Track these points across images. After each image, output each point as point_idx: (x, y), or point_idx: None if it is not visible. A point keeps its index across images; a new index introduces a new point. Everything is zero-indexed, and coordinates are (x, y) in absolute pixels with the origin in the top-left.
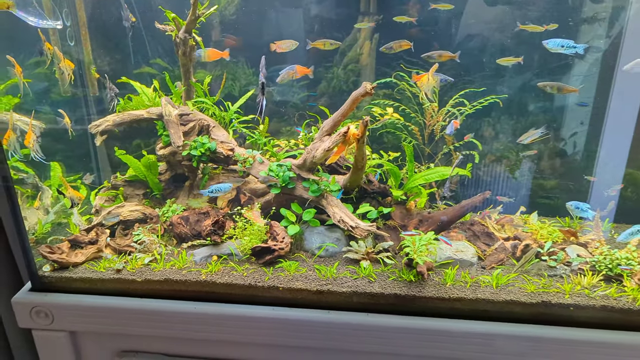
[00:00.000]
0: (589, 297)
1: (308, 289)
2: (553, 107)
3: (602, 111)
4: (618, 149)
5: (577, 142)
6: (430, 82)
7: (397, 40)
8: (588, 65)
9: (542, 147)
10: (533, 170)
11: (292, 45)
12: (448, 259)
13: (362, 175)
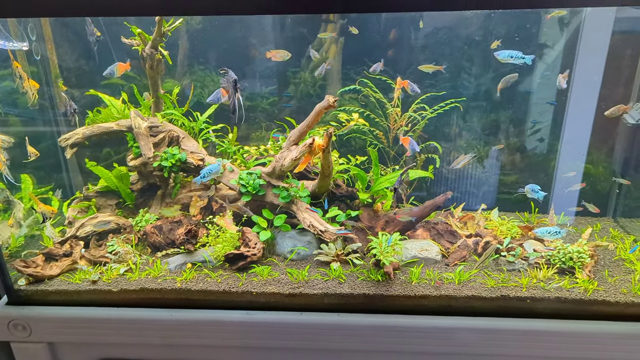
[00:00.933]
0: (545, 290)
1: (281, 292)
2: (513, 105)
3: (562, 109)
4: (577, 144)
5: (537, 138)
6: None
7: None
8: (546, 66)
9: (503, 143)
10: (495, 167)
11: (286, 55)
12: (413, 257)
13: (330, 182)
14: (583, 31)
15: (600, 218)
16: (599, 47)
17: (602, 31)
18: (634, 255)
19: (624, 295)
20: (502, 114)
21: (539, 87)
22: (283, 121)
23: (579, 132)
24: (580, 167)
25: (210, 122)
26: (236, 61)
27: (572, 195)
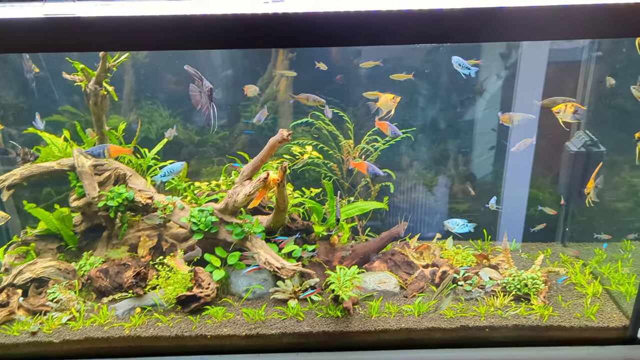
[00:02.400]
0: (502, 318)
1: (237, 334)
2: (463, 134)
3: (506, 137)
4: (521, 171)
5: (485, 166)
6: (390, 100)
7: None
8: (490, 95)
9: (453, 173)
10: (446, 195)
11: (256, 90)
12: (372, 291)
13: (285, 216)
14: (521, 63)
15: (549, 243)
16: (536, 77)
17: (539, 62)
18: (584, 279)
19: (577, 320)
20: (450, 143)
21: (483, 118)
22: (235, 155)
23: (522, 160)
24: (524, 194)
25: (159, 158)
26: (184, 95)
27: (519, 221)
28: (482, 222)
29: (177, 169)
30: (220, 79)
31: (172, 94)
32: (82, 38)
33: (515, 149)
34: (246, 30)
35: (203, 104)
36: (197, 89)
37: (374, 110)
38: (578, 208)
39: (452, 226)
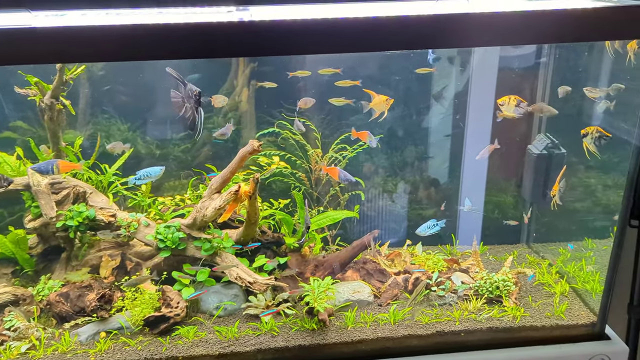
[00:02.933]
0: (477, 321)
1: (210, 353)
2: (424, 141)
3: (462, 142)
4: (477, 176)
5: (445, 172)
6: (383, 102)
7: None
8: (448, 102)
9: (417, 179)
10: (412, 202)
11: (225, 101)
12: (346, 301)
13: (256, 229)
14: (473, 69)
15: (515, 245)
16: (489, 84)
17: (490, 68)
18: (551, 279)
19: (548, 319)
20: (413, 150)
21: (441, 123)
22: (201, 168)
23: (480, 165)
24: (481, 197)
25: (120, 174)
26: (143, 107)
27: (475, 224)
28: (446, 226)
29: (155, 173)
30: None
31: (130, 107)
32: (39, 50)
33: (479, 156)
34: (210, 40)
35: (187, 109)
36: (178, 94)
37: (366, 110)
38: (541, 210)
39: (424, 232)
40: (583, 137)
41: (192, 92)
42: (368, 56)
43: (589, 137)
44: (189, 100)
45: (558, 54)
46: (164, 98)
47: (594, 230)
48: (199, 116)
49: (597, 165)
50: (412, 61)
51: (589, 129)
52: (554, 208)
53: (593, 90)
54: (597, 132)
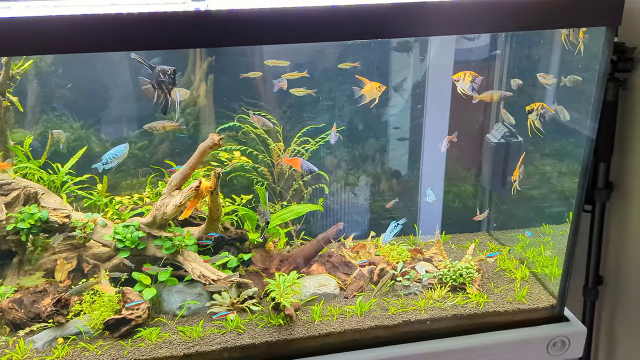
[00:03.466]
0: (442, 309)
1: (174, 354)
2: (385, 134)
3: (420, 134)
4: (436, 167)
5: (406, 164)
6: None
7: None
8: (407, 94)
9: (379, 171)
10: (375, 194)
11: (186, 94)
12: (312, 295)
13: (218, 225)
14: (430, 61)
15: (476, 233)
16: (445, 76)
17: (447, 60)
18: (511, 264)
19: (510, 304)
20: (377, 142)
21: (400, 116)
22: (160, 165)
23: (436, 155)
24: (440, 187)
25: (74, 173)
26: (95, 104)
27: (436, 213)
28: (408, 217)
29: (121, 152)
30: (130, 87)
31: (82, 104)
32: None
33: (443, 148)
34: (164, 30)
35: (160, 94)
36: (146, 80)
37: (358, 95)
38: (500, 197)
39: (388, 239)
40: (529, 114)
41: (165, 71)
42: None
43: (534, 114)
44: (162, 82)
45: (514, 44)
46: (119, 94)
47: (551, 216)
48: (176, 97)
49: (552, 153)
50: (372, 51)
51: (534, 105)
52: (513, 193)
53: (546, 76)
54: (542, 108)
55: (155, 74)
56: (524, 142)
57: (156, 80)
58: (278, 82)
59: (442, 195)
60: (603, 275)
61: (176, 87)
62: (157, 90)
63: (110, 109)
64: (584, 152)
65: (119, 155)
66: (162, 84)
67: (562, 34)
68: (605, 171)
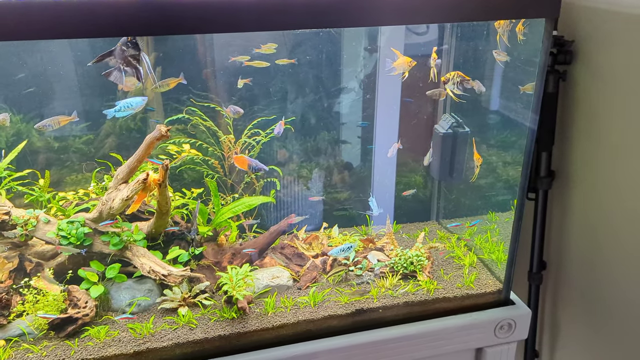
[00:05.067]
0: (394, 297)
1: (124, 352)
2: (336, 126)
3: (371, 127)
4: (387, 159)
5: (358, 156)
6: (407, 63)
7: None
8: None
9: (331, 164)
10: (327, 186)
11: (134, 84)
12: (266, 287)
13: (168, 219)
14: (380, 57)
15: (426, 222)
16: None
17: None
18: (460, 251)
19: (459, 290)
20: (328, 134)
21: (351, 108)
22: (106, 159)
23: (387, 147)
24: (392, 178)
25: (13, 167)
26: (35, 96)
27: (388, 204)
28: (359, 208)
29: (138, 103)
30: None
31: (23, 96)
32: None
33: (390, 154)
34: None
35: (129, 68)
36: (110, 68)
37: (389, 68)
38: (448, 187)
39: (336, 254)
40: (444, 84)
41: (126, 43)
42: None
43: (450, 83)
44: (127, 55)
45: (460, 35)
46: (62, 85)
47: (497, 204)
48: (146, 61)
49: (497, 144)
50: (323, 41)
51: (449, 75)
52: (475, 179)
53: (500, 53)
54: (458, 77)
55: (118, 52)
56: (470, 132)
57: (121, 58)
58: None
59: (394, 186)
60: (546, 260)
61: (142, 51)
62: (124, 67)
63: (53, 101)
64: (526, 142)
65: (134, 106)
66: (129, 57)
67: (498, 33)
68: (547, 160)
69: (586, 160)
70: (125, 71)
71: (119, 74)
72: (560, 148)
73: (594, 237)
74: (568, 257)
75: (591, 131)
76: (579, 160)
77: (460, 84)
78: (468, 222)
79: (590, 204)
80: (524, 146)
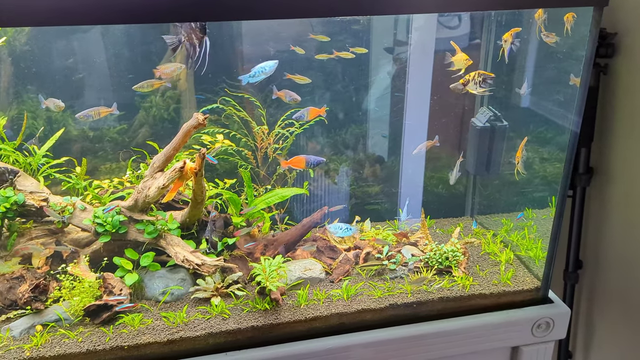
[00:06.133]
0: (428, 292)
1: (157, 340)
2: (367, 119)
3: (401, 121)
4: (417, 153)
5: (389, 149)
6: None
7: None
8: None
9: (362, 157)
10: (358, 179)
11: (179, 67)
12: (298, 279)
13: (202, 209)
14: (411, 52)
15: (460, 218)
16: (426, 62)
17: (428, 44)
18: (496, 247)
19: (495, 286)
20: (360, 127)
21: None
22: (142, 148)
23: (417, 141)
24: (420, 174)
25: (51, 155)
26: (70, 86)
27: (418, 198)
28: (392, 202)
29: (270, 67)
30: (106, 69)
31: (59, 85)
32: None
33: (416, 151)
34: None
35: (189, 46)
36: (172, 36)
37: (448, 61)
38: (483, 182)
39: (334, 231)
40: (465, 86)
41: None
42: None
43: (471, 84)
44: (192, 33)
45: (494, 32)
46: (97, 76)
47: (533, 201)
48: (206, 46)
49: (533, 139)
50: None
51: (468, 76)
52: (519, 175)
53: (549, 34)
54: (479, 76)
55: (186, 27)
56: (508, 126)
57: (187, 33)
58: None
59: (422, 181)
60: (583, 259)
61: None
62: (184, 43)
63: (89, 91)
64: (570, 137)
65: (267, 70)
66: (195, 36)
67: (539, 28)
68: (586, 156)
69: (626, 156)
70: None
71: (179, 48)
72: (599, 144)
73: (633, 236)
74: (605, 257)
75: (632, 127)
76: (619, 157)
77: (484, 82)
78: (504, 218)
79: (630, 201)
80: (562, 142)
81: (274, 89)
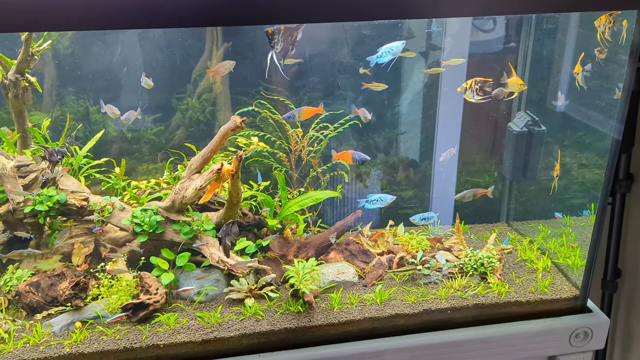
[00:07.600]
0: (463, 298)
1: (192, 340)
2: (401, 122)
3: (434, 124)
4: (450, 158)
5: (422, 153)
6: (518, 84)
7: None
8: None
9: (395, 161)
10: (391, 184)
11: (231, 65)
12: (331, 282)
13: (237, 210)
14: (445, 51)
15: (495, 224)
16: (460, 67)
17: (462, 48)
18: (533, 255)
19: (532, 294)
20: (393, 131)
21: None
22: (178, 149)
23: (449, 145)
24: (453, 178)
25: (92, 156)
26: (113, 87)
27: (451, 203)
28: (425, 206)
29: (397, 48)
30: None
31: (99, 87)
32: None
33: (442, 159)
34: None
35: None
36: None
37: (504, 81)
38: (519, 188)
39: (418, 221)
40: (464, 93)
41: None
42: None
43: (469, 92)
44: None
45: (531, 36)
46: (137, 78)
47: (571, 208)
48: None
49: (571, 144)
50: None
51: (465, 84)
52: (554, 190)
53: (603, 51)
54: (476, 84)
55: (288, 30)
56: (546, 131)
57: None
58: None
59: (454, 187)
60: (621, 268)
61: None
62: (281, 42)
63: (128, 93)
64: (611, 142)
65: (394, 51)
66: (290, 36)
67: (599, 31)
68: (626, 162)
69: None
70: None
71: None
72: (639, 150)
73: None
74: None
75: None
76: None
77: (480, 90)
78: (540, 225)
79: None
80: (601, 148)
81: (352, 107)
